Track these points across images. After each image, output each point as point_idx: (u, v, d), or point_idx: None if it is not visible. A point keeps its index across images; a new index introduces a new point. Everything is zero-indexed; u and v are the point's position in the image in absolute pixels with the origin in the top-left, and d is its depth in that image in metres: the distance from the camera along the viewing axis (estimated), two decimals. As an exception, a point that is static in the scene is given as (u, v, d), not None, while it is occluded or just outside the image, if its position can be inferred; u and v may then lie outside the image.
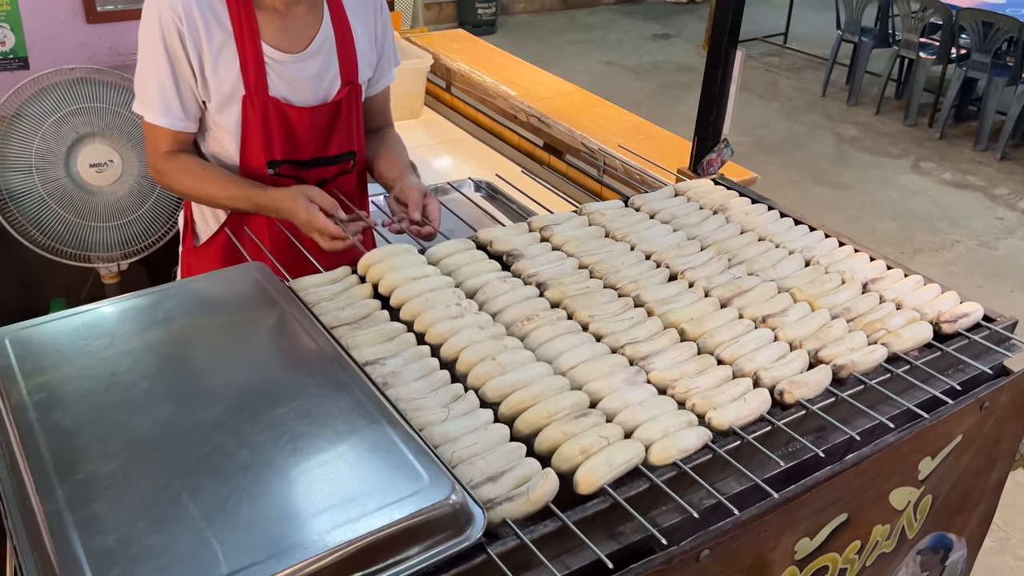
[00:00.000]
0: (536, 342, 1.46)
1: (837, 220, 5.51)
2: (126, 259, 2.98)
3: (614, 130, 2.84)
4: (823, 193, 5.94)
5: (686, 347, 1.46)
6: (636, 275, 1.66)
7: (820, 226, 1.91)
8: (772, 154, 6.52)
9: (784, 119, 7.23)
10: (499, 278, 1.62)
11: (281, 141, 1.78)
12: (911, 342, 1.51)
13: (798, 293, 1.63)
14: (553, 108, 3.03)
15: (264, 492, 1.05)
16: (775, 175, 6.12)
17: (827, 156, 6.57)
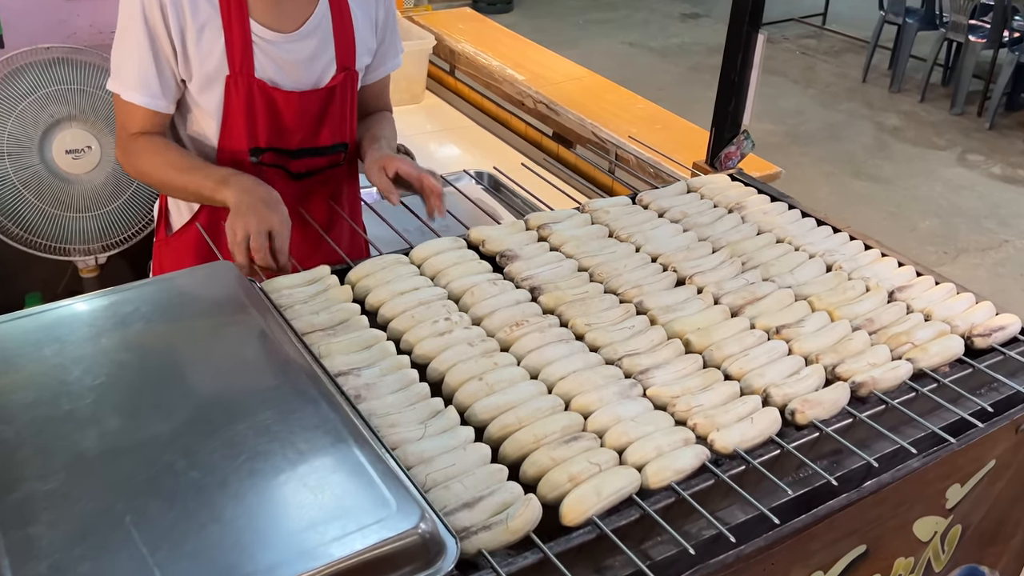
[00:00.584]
0: (523, 350, 1.43)
1: (875, 217, 5.44)
2: (105, 252, 2.97)
3: (628, 119, 2.80)
4: (861, 187, 5.87)
5: (690, 360, 1.43)
6: (639, 279, 1.63)
7: (845, 227, 1.86)
8: (807, 145, 6.44)
9: (820, 107, 7.15)
10: (488, 280, 1.59)
11: (266, 127, 1.75)
12: (939, 358, 1.47)
13: (817, 301, 1.59)
14: (563, 94, 2.99)
15: (214, 517, 1.02)
16: (809, 167, 6.06)
17: (866, 147, 6.49)
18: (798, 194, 2.04)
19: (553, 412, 1.31)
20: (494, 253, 1.70)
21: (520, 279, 1.62)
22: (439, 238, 1.73)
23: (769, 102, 7.12)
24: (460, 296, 1.56)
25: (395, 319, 1.49)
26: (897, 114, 7.10)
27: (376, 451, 1.13)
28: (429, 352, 1.42)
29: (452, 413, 1.30)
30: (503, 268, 1.66)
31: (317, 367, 1.31)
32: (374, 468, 1.10)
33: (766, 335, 1.50)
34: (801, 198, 2.02)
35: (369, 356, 1.39)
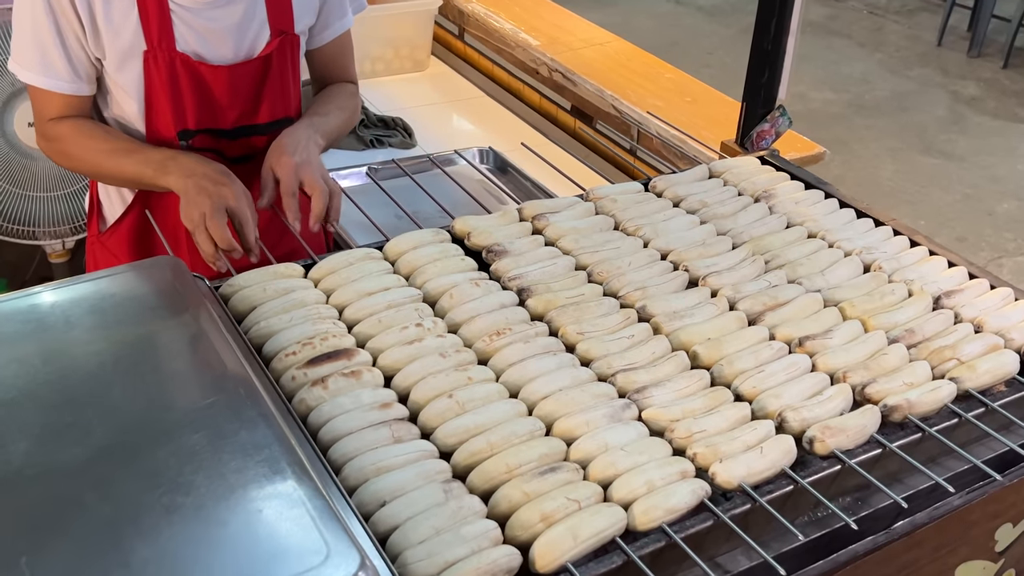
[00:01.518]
0: (503, 363, 1.38)
1: (946, 199, 5.30)
2: (74, 235, 2.96)
3: (653, 90, 2.71)
4: (930, 165, 5.71)
5: (695, 377, 1.36)
6: (645, 280, 1.57)
7: (890, 220, 1.79)
8: (871, 116, 6.29)
9: (889, 73, 6.98)
10: (471, 281, 1.54)
11: (194, 106, 1.69)
12: (989, 377, 1.40)
13: (849, 308, 1.52)
14: (582, 61, 2.92)
15: (122, 561, 0.98)
16: (873, 142, 5.91)
17: (939, 119, 6.31)
18: (859, 172, 1.96)
19: (531, 437, 1.26)
20: (480, 248, 1.64)
21: (507, 279, 1.56)
22: (419, 230, 1.67)
23: (830, 68, 6.96)
24: (437, 298, 1.52)
25: (360, 323, 1.44)
26: (976, 82, 6.90)
27: (317, 484, 1.08)
28: (394, 363, 1.37)
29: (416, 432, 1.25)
30: (490, 265, 1.60)
31: (261, 381, 1.26)
32: (313, 504, 1.05)
33: (787, 348, 1.44)
34: (863, 177, 1.94)
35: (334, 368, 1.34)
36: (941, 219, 5.10)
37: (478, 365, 1.38)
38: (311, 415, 1.26)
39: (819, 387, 1.36)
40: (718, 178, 1.91)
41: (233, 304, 1.47)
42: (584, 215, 1.76)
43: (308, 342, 1.37)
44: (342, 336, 1.40)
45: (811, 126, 6.07)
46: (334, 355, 1.35)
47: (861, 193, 5.25)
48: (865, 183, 5.39)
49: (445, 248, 1.63)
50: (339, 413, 1.26)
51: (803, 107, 6.35)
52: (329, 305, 1.48)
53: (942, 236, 4.91)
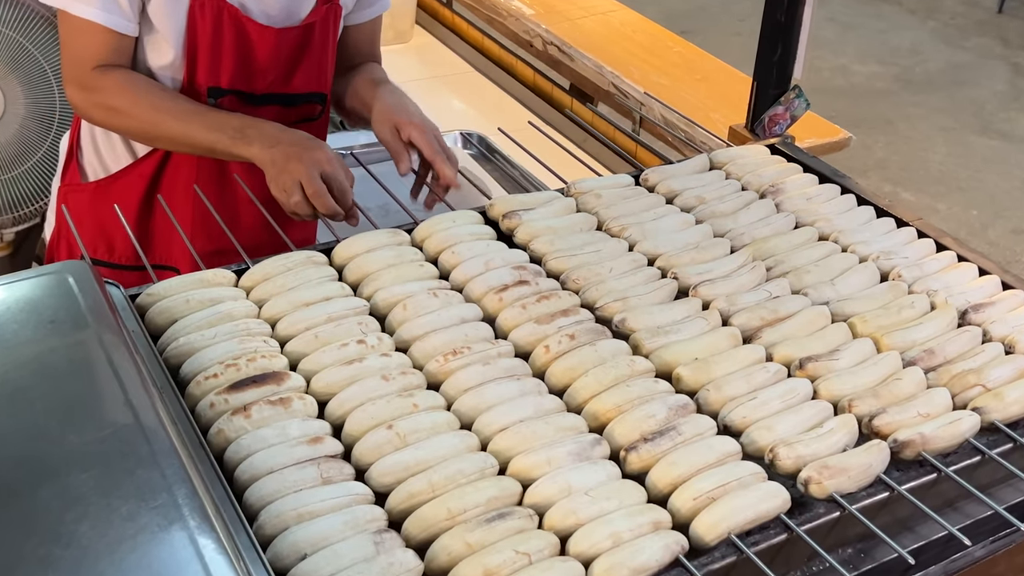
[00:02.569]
0: (456, 388, 1.33)
1: (1003, 185, 5.22)
2: (14, 226, 2.92)
3: (659, 66, 2.67)
4: (987, 147, 5.63)
5: (673, 402, 1.31)
6: (627, 289, 1.52)
7: (914, 219, 1.74)
8: (921, 92, 6.21)
9: (942, 44, 6.89)
10: (428, 291, 1.49)
11: (232, 64, 1.73)
12: (1019, 407, 1.35)
13: (860, 324, 1.47)
14: (580, 33, 2.89)
15: (-17, 625, 0.93)
16: (923, 121, 5.84)
17: (998, 96, 6.22)
18: (906, 155, 1.91)
19: (481, 477, 1.21)
20: (438, 252, 1.59)
21: (462, 288, 1.53)
22: (372, 231, 1.63)
23: (876, 38, 6.87)
24: (388, 311, 1.48)
25: (293, 340, 1.40)
26: (1041, 53, 6.81)
27: (220, 536, 1.03)
28: (329, 387, 1.33)
29: (348, 471, 1.20)
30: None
31: (173, 410, 1.21)
32: (211, 561, 1.00)
33: (785, 370, 1.38)
34: (909, 160, 1.89)
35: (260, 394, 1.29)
36: (996, 208, 5.01)
37: (427, 390, 1.34)
38: (228, 450, 1.22)
39: (820, 418, 1.31)
40: (720, 170, 1.87)
41: (151, 317, 1.43)
42: (563, 212, 1.71)
43: (232, 363, 1.32)
44: (273, 356, 1.36)
45: (853, 103, 6.00)
46: (260, 379, 1.30)
47: (907, 179, 5.18)
48: (912, 167, 5.31)
49: (402, 252, 1.59)
50: (260, 448, 1.21)
51: (845, 82, 6.27)
52: (260, 319, 1.44)
53: (997, 228, 4.83)
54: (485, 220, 1.70)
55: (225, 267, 1.54)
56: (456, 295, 1.50)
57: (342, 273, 1.55)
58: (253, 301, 1.47)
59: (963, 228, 4.83)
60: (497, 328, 1.46)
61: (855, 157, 5.27)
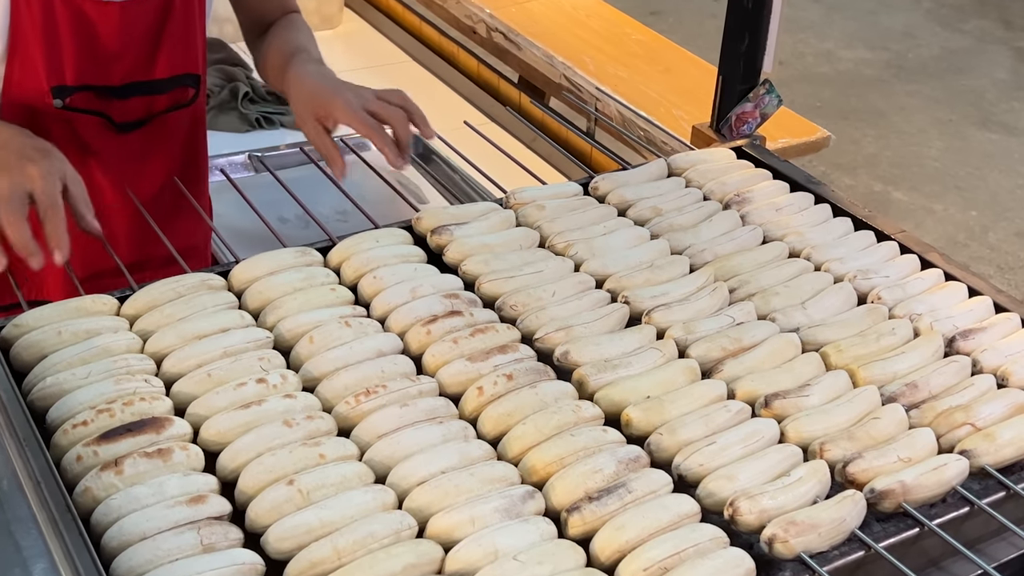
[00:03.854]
0: (370, 434, 1.31)
1: (1005, 183, 5.28)
2: None
3: (617, 56, 2.67)
4: (988, 141, 5.69)
5: (623, 454, 1.28)
6: (570, 316, 1.50)
7: (898, 233, 1.74)
8: (915, 80, 6.26)
9: (938, 26, 6.96)
10: (340, 320, 1.47)
11: (74, 55, 1.66)
12: (1012, 450, 1.33)
13: (834, 354, 1.46)
14: (530, 18, 2.89)
15: None
16: (917, 112, 5.89)
17: (999, 84, 6.30)
18: (898, 150, 1.90)
19: (395, 540, 1.17)
20: (358, 277, 1.57)
21: (383, 319, 1.50)
22: (279, 249, 1.60)
23: (866, 20, 6.92)
24: (293, 343, 1.45)
25: (181, 380, 1.36)
26: (1046, 36, 6.90)
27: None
28: (222, 435, 1.29)
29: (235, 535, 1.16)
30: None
31: (36, 464, 1.17)
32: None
33: (749, 409, 1.36)
34: (902, 156, 1.88)
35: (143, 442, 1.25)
36: (998, 209, 5.06)
37: (336, 437, 1.30)
38: (96, 512, 1.17)
39: (787, 464, 1.28)
40: (679, 176, 1.86)
41: (17, 353, 1.40)
42: (501, 227, 1.69)
43: (106, 407, 1.29)
44: (155, 398, 1.32)
45: (840, 93, 6.04)
46: (137, 427, 1.26)
47: (899, 177, 5.21)
48: (905, 164, 5.35)
49: (311, 274, 1.56)
50: (133, 510, 1.17)
51: (831, 69, 6.32)
52: (144, 354, 1.40)
53: (998, 231, 4.87)
54: (414, 238, 1.67)
55: (109, 293, 1.49)
56: (372, 323, 1.48)
57: (241, 299, 1.51)
58: (137, 333, 1.44)
59: (961, 231, 4.86)
60: (423, 366, 1.43)
61: (843, 153, 5.31)
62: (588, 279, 1.57)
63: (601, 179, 1.81)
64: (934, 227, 4.87)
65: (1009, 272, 4.59)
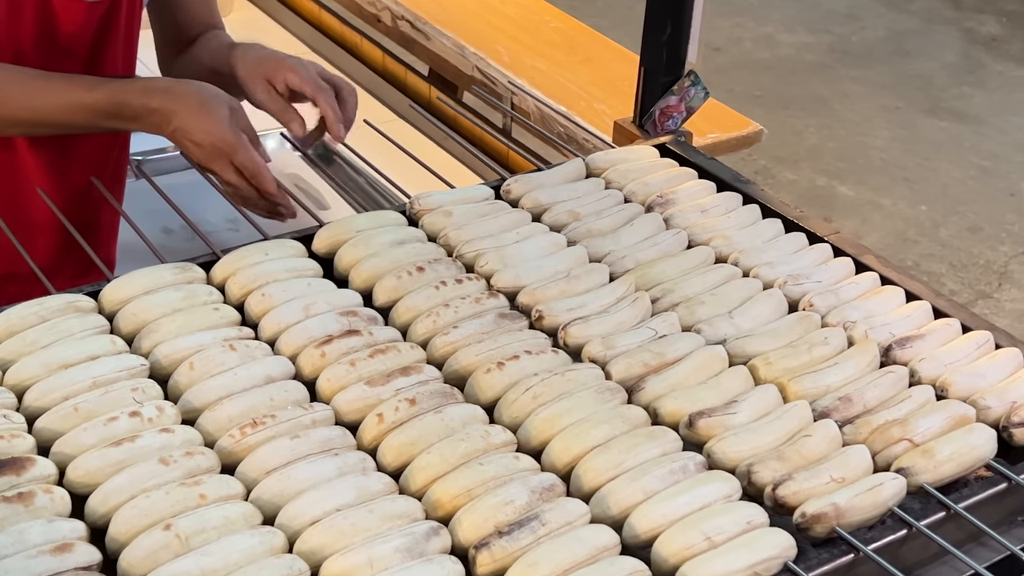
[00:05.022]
0: (256, 470, 1.30)
1: (957, 174, 5.39)
2: None
3: (534, 45, 2.69)
4: (938, 129, 5.81)
5: (537, 483, 1.29)
6: (470, 334, 1.50)
7: (831, 233, 1.77)
8: (860, 65, 6.37)
9: (884, 7, 7.10)
10: (224, 343, 1.46)
11: (35, 49, 1.72)
12: (953, 466, 1.35)
13: (763, 367, 1.48)
14: (438, 6, 2.91)
15: None
16: (863, 100, 5.99)
17: (949, 68, 6.43)
18: (843, 140, 1.92)
19: None
20: (245, 294, 1.56)
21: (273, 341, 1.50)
22: (155, 266, 1.58)
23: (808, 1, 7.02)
24: (171, 371, 1.44)
25: (46, 414, 1.35)
26: (996, 17, 7.06)
27: None
28: (91, 476, 1.27)
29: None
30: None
31: None
32: None
33: (672, 433, 1.37)
34: (847, 147, 1.90)
35: None
36: (949, 202, 5.17)
37: (219, 474, 1.29)
38: (-53, 567, 1.14)
39: (712, 494, 1.28)
40: (598, 177, 1.87)
41: None
42: (405, 238, 1.69)
43: (-41, 449, 1.25)
44: (15, 436, 1.30)
45: (780, 80, 6.12)
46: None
47: (844, 170, 5.29)
48: (850, 156, 5.44)
49: (192, 293, 1.54)
50: (-10, 562, 1.13)
51: (770, 54, 6.40)
52: (2, 387, 1.38)
53: (950, 225, 4.97)
54: (308, 251, 1.66)
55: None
56: (261, 347, 1.47)
57: (113, 323, 1.50)
58: (-6, 364, 1.41)
59: (911, 226, 4.95)
60: (318, 392, 1.43)
61: (784, 146, 5.38)
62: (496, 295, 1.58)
63: (514, 181, 1.82)
64: (882, 223, 4.96)
65: (962, 270, 4.69)
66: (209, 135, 1.68)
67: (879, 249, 4.64)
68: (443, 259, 1.64)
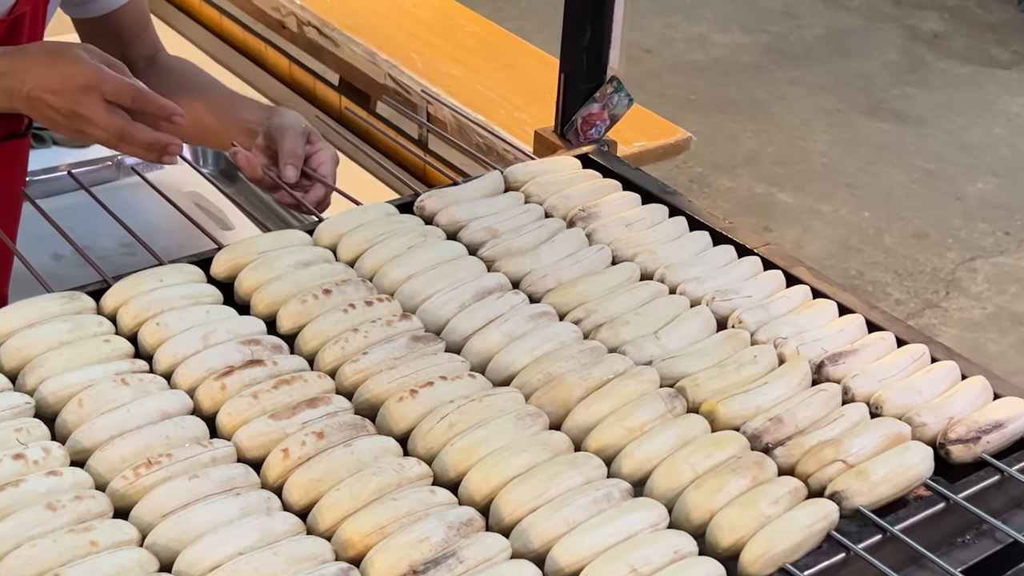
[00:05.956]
0: (152, 513, 1.28)
1: (900, 178, 5.49)
2: None
3: (450, 51, 2.71)
4: (879, 131, 5.91)
5: (454, 517, 1.29)
6: (381, 360, 1.50)
7: (761, 245, 1.79)
8: (797, 66, 6.47)
9: (822, 4, 7.23)
10: (115, 376, 1.45)
11: None
12: (889, 487, 1.37)
13: (692, 388, 1.49)
14: (347, 10, 2.92)
15: None
16: (800, 101, 6.08)
17: (890, 67, 6.55)
18: (781, 145, 1.96)
19: None
20: (138, 324, 1.55)
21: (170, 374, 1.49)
22: (41, 296, 1.57)
23: (742, 0, 7.10)
24: (58, 409, 1.42)
25: None
26: (938, 12, 7.18)
27: None
28: None
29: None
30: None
31: None
32: None
33: (597, 460, 1.38)
34: (786, 152, 1.94)
35: None
36: (893, 208, 5.25)
37: (112, 519, 1.28)
38: None
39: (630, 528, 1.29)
40: (518, 191, 1.88)
41: None
42: (310, 260, 1.68)
43: None
44: None
45: (715, 83, 6.19)
46: None
47: (783, 176, 5.37)
48: (789, 161, 5.52)
49: (81, 324, 1.53)
50: None
51: (704, 56, 6.47)
52: None
53: (894, 232, 5.05)
54: (207, 275, 1.66)
55: None
56: (155, 380, 1.46)
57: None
58: None
59: (854, 234, 5.03)
60: (218, 428, 1.42)
61: (720, 151, 5.44)
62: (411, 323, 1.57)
63: (428, 197, 1.83)
64: (823, 231, 5.03)
65: (908, 278, 4.77)
66: (70, 77, 1.66)
67: (821, 259, 4.73)
68: (352, 280, 1.64)
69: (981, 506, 1.38)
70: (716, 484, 1.32)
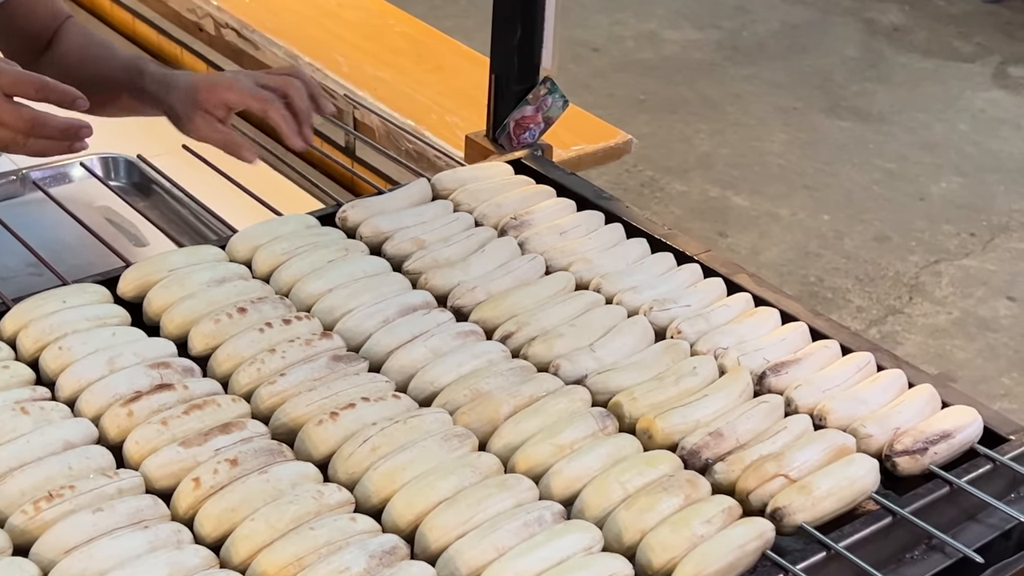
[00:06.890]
0: (54, 549, 1.28)
1: (861, 179, 5.53)
2: None
3: (377, 52, 2.72)
4: (839, 130, 5.96)
5: (376, 546, 1.29)
6: (300, 381, 1.51)
7: (702, 252, 1.81)
8: (753, 63, 6.51)
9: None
10: (15, 405, 1.44)
11: None
12: (833, 501, 1.39)
13: (628, 403, 1.51)
14: (268, 11, 2.92)
15: None
16: (756, 100, 6.12)
17: (849, 63, 6.60)
18: (736, 146, 1.98)
19: None
20: (39, 349, 1.55)
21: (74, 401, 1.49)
22: None
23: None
24: None
25: None
26: (898, 4, 7.24)
27: None
28: None
29: None
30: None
31: None
32: None
33: (528, 481, 1.39)
34: (741, 153, 1.96)
35: None
36: (853, 210, 5.29)
37: (11, 557, 1.28)
38: None
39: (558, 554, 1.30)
40: (446, 199, 1.89)
41: None
42: (224, 277, 1.69)
43: None
44: None
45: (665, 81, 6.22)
46: None
47: (739, 179, 5.40)
48: (744, 163, 5.54)
49: None
50: None
51: (654, 54, 6.50)
52: None
53: (855, 236, 5.08)
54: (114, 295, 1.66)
55: None
56: (58, 408, 1.46)
57: None
58: None
59: (813, 238, 5.06)
60: (125, 457, 1.42)
61: (672, 154, 5.47)
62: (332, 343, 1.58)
63: (351, 207, 1.84)
64: (781, 235, 5.05)
65: (869, 284, 4.80)
66: None
67: (778, 265, 4.76)
68: (269, 298, 1.64)
69: (930, 520, 1.39)
70: (647, 503, 1.34)
